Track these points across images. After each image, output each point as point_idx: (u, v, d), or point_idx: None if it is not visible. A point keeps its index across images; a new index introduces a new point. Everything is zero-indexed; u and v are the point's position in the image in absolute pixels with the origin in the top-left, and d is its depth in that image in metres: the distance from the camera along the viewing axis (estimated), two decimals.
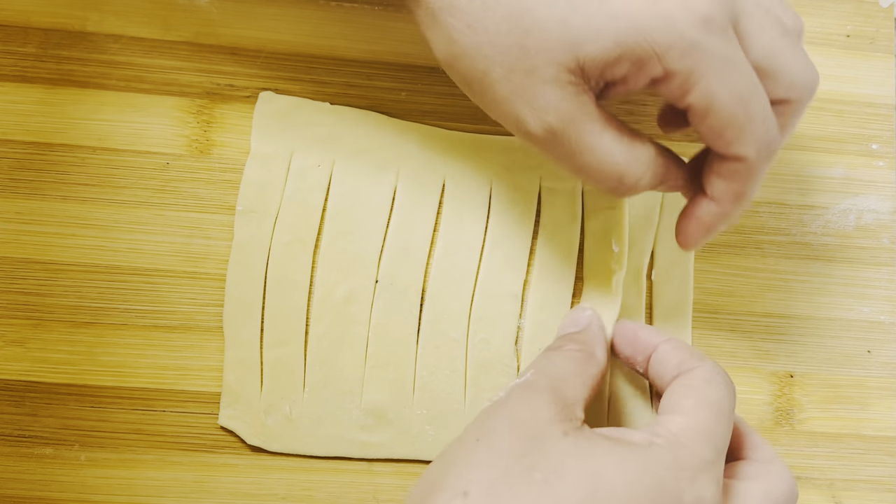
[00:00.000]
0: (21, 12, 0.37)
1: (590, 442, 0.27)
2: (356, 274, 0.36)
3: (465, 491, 0.25)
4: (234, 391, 0.35)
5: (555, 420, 0.27)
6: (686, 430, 0.27)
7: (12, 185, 0.36)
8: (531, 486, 0.25)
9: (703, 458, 0.27)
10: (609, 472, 0.25)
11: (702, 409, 0.28)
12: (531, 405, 0.28)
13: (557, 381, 0.29)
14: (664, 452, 0.27)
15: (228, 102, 0.37)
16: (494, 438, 0.27)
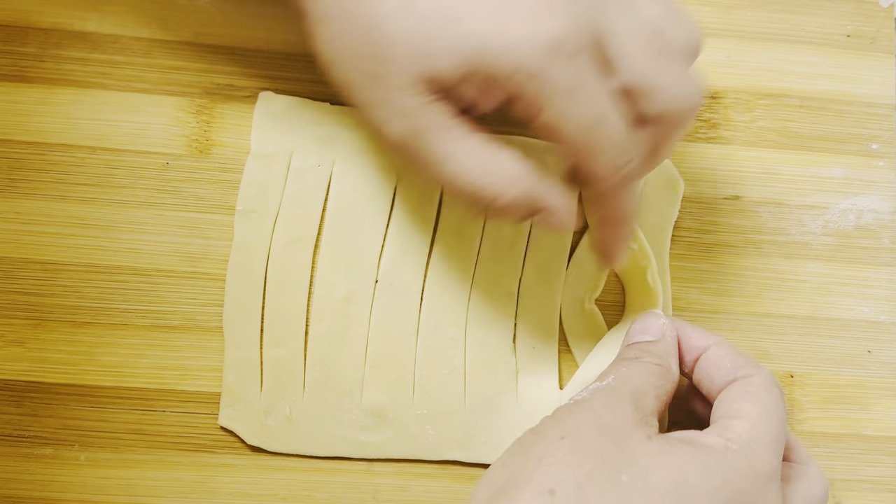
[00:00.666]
0: (21, 12, 0.37)
1: (671, 446, 0.27)
2: (356, 274, 0.36)
3: (552, 489, 0.25)
4: (234, 391, 0.35)
5: (639, 424, 0.28)
6: (756, 438, 0.28)
7: (12, 185, 0.36)
8: (618, 489, 0.25)
9: (772, 467, 0.28)
10: (692, 478, 0.26)
11: (765, 417, 0.29)
12: (615, 410, 0.28)
13: (637, 391, 0.29)
14: (741, 459, 0.27)
15: (228, 102, 0.37)
16: (580, 439, 0.27)
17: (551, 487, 0.25)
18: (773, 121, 0.40)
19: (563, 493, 0.25)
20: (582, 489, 0.25)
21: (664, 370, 0.31)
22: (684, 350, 0.33)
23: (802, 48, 0.40)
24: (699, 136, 0.39)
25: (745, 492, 0.26)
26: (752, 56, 0.40)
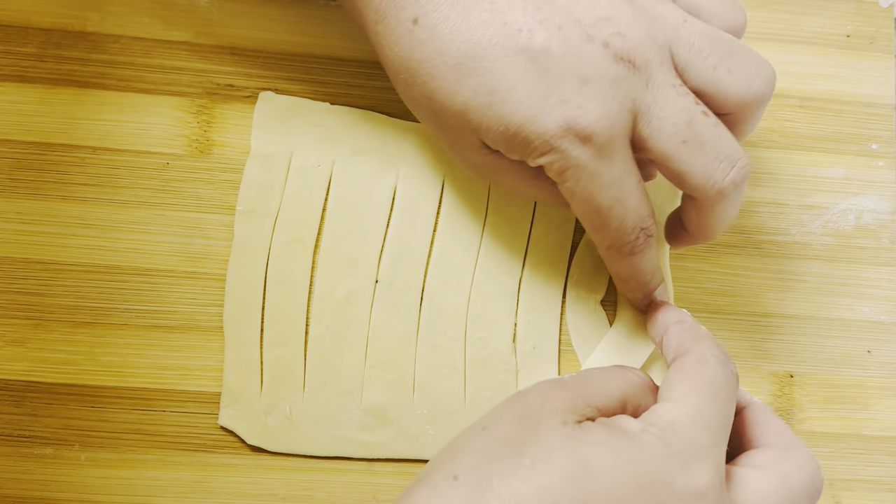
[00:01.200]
0: (21, 12, 0.37)
1: (583, 430, 0.27)
2: (356, 274, 0.36)
3: (456, 475, 0.26)
4: (234, 391, 0.35)
5: (561, 410, 0.27)
6: (679, 417, 0.27)
7: (12, 185, 0.36)
8: (518, 471, 0.25)
9: (697, 445, 0.26)
10: (596, 461, 0.25)
11: (694, 393, 0.28)
12: (545, 395, 0.28)
13: (585, 380, 0.29)
14: (656, 441, 0.26)
15: (228, 102, 0.37)
16: (497, 427, 0.27)
17: (455, 473, 0.26)
18: (773, 121, 0.40)
19: (464, 477, 0.25)
20: (482, 472, 0.25)
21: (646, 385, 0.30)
22: (654, 332, 0.33)
23: (802, 48, 0.40)
24: None
25: (657, 473, 0.25)
26: None
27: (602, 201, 0.31)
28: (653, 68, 0.30)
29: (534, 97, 0.29)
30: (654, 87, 0.30)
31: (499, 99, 0.30)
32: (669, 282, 0.38)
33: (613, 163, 0.30)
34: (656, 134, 0.30)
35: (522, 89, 0.29)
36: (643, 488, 0.25)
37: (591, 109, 0.29)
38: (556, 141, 0.30)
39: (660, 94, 0.30)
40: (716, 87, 0.31)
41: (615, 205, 0.31)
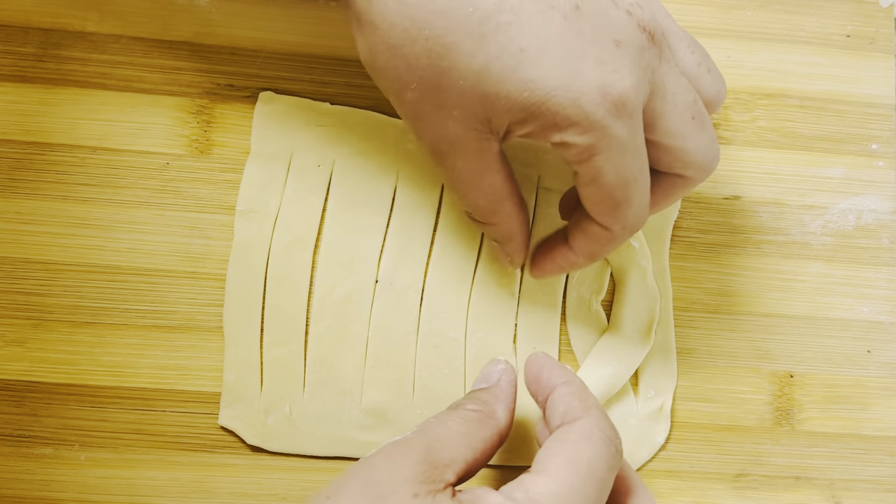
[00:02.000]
0: (21, 12, 0.37)
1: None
2: (356, 274, 0.36)
3: None
4: (234, 391, 0.35)
5: (411, 482, 0.25)
6: (545, 494, 0.25)
7: (12, 185, 0.36)
8: None
9: None
10: None
11: (568, 471, 0.26)
12: (392, 465, 0.26)
13: (435, 441, 0.27)
14: None
15: (228, 102, 0.37)
16: (341, 496, 0.25)
17: None
18: (773, 121, 0.40)
19: None
20: None
21: (483, 416, 0.29)
22: (538, 390, 0.31)
23: (802, 48, 0.40)
24: None
25: None
26: (752, 56, 0.40)
27: (629, 173, 0.29)
28: (664, 45, 0.29)
29: (568, 59, 0.27)
30: (665, 62, 0.29)
31: (529, 59, 0.27)
32: (668, 282, 0.38)
33: (637, 131, 0.29)
34: (670, 109, 0.29)
35: (556, 49, 0.27)
36: None
37: (626, 74, 0.27)
38: (592, 108, 0.27)
39: (671, 71, 0.29)
40: (696, 81, 0.31)
41: (640, 176, 0.29)
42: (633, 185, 0.29)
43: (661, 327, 0.37)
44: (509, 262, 0.34)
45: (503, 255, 0.34)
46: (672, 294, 0.38)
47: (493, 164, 0.30)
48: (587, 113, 0.27)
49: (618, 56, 0.27)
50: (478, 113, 0.28)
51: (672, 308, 0.38)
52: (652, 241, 0.38)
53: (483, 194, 0.31)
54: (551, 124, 0.28)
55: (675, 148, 0.30)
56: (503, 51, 0.27)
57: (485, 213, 0.32)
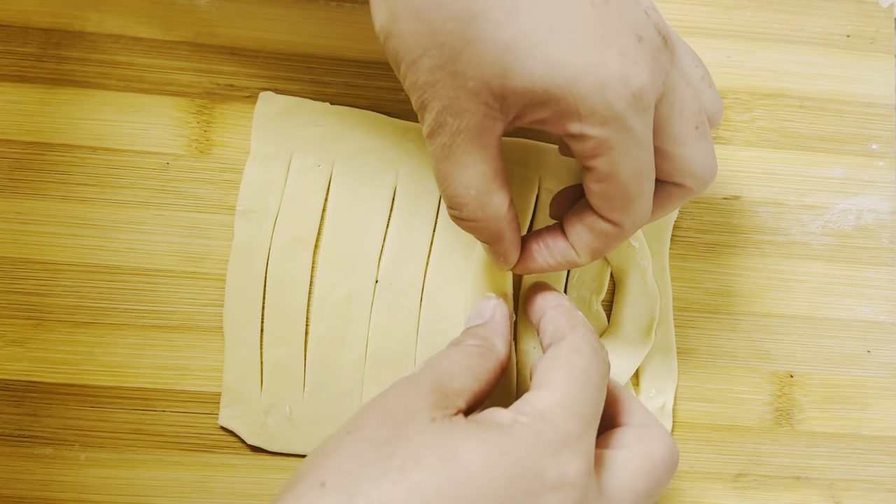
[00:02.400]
0: (21, 12, 0.37)
1: (453, 426, 0.26)
2: (356, 274, 0.36)
3: (323, 482, 0.25)
4: (234, 391, 0.35)
5: (426, 408, 0.27)
6: (550, 405, 0.27)
7: (12, 185, 0.36)
8: (388, 472, 0.25)
9: (567, 433, 0.26)
10: (466, 455, 0.25)
11: (567, 381, 0.28)
12: (406, 396, 0.27)
13: (442, 373, 0.29)
14: (526, 430, 0.26)
15: (228, 102, 0.37)
16: (362, 430, 0.27)
17: (323, 480, 0.25)
18: (773, 121, 0.40)
19: (332, 483, 0.25)
20: (351, 477, 0.25)
21: (483, 349, 0.30)
22: (532, 314, 0.33)
23: (802, 48, 0.40)
24: None
25: (528, 462, 0.25)
26: (752, 56, 0.40)
27: (644, 167, 0.29)
28: (676, 50, 0.30)
29: (596, 45, 0.27)
30: (676, 68, 0.30)
31: (559, 38, 0.27)
32: (668, 282, 0.38)
33: (649, 129, 0.29)
34: (677, 115, 0.30)
35: (584, 33, 0.27)
36: (514, 479, 0.25)
37: (645, 69, 0.28)
38: (614, 98, 0.27)
39: (681, 77, 0.30)
40: (699, 94, 0.31)
41: (650, 172, 0.29)
42: (645, 178, 0.29)
43: (661, 327, 0.37)
44: (502, 261, 0.33)
45: (495, 255, 0.33)
46: (672, 294, 0.38)
47: (491, 148, 0.29)
48: (609, 102, 0.27)
49: (639, 50, 0.28)
50: (494, 87, 0.28)
51: (672, 308, 0.38)
52: (652, 241, 0.38)
53: (473, 183, 0.30)
54: (572, 111, 0.27)
55: (677, 155, 0.30)
56: (534, 25, 0.27)
57: (471, 208, 0.30)
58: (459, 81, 0.28)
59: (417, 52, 0.28)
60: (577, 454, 0.26)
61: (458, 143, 0.29)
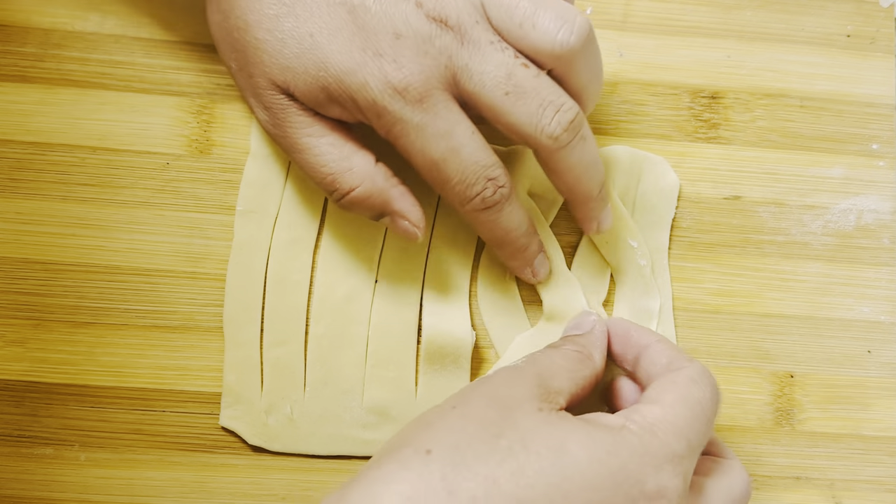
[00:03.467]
0: (21, 12, 0.37)
1: (562, 419, 0.27)
2: (356, 273, 0.36)
3: (429, 449, 0.25)
4: (235, 391, 0.35)
5: (532, 398, 0.27)
6: (661, 421, 0.27)
7: (12, 185, 0.36)
8: (495, 452, 0.25)
9: (672, 450, 0.27)
10: (574, 448, 0.26)
11: (681, 404, 0.28)
12: (513, 384, 0.28)
13: (545, 370, 0.29)
14: (634, 438, 0.27)
15: (228, 102, 0.37)
16: (469, 407, 0.27)
17: (428, 448, 0.25)
18: (773, 121, 0.40)
19: (438, 452, 0.25)
20: (458, 449, 0.25)
21: (583, 356, 0.31)
22: (626, 347, 0.33)
23: (802, 48, 0.40)
24: (699, 136, 0.39)
25: (632, 469, 0.26)
26: (752, 56, 0.40)
27: (435, 154, 0.31)
28: (467, 27, 0.31)
29: (353, 48, 0.30)
30: (469, 44, 0.31)
31: (319, 44, 0.30)
32: (668, 282, 0.38)
33: (437, 115, 0.31)
34: (479, 89, 0.31)
35: (342, 39, 0.30)
36: (617, 481, 0.25)
37: (404, 64, 0.30)
38: (377, 95, 0.30)
39: (475, 51, 0.31)
40: (525, 42, 0.31)
41: (449, 156, 0.31)
42: (442, 164, 0.31)
43: (661, 327, 0.37)
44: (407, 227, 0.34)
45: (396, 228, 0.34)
46: (672, 294, 0.38)
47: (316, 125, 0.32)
48: (374, 99, 0.30)
49: (396, 47, 0.30)
50: (280, 83, 0.31)
51: (672, 308, 0.38)
52: (650, 240, 0.38)
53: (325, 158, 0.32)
54: (352, 108, 0.31)
55: (501, 123, 0.32)
56: (295, 32, 0.31)
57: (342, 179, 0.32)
58: (254, 81, 0.32)
59: (226, 56, 0.33)
60: (678, 473, 0.27)
61: (288, 134, 0.33)
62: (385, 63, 0.30)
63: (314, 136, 0.32)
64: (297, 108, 0.32)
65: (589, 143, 0.33)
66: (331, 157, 0.32)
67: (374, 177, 0.33)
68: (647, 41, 0.40)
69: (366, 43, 0.30)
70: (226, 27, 0.32)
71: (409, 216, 0.33)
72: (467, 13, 0.31)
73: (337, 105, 0.31)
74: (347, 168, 0.32)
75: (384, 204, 0.33)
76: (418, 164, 0.32)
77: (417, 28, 0.30)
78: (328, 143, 0.32)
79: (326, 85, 0.31)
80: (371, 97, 0.30)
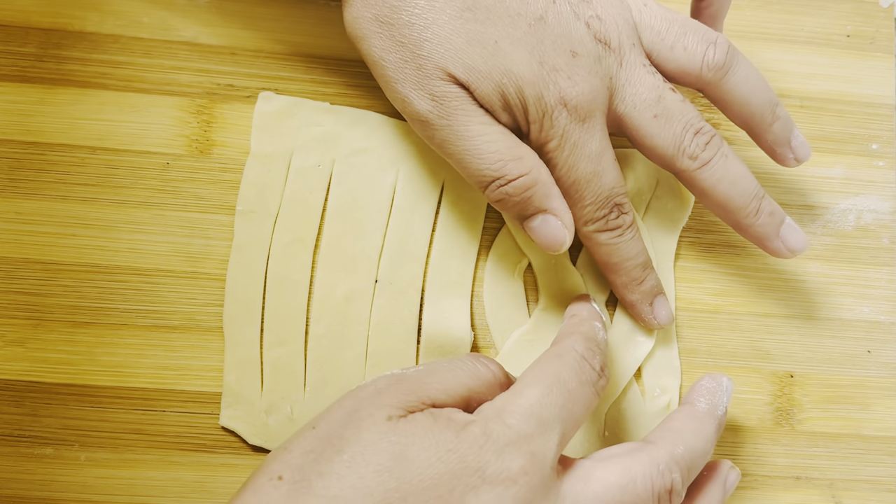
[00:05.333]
0: (21, 12, 0.37)
1: (407, 422, 0.27)
2: (356, 273, 0.36)
3: (280, 475, 0.26)
4: (235, 391, 0.35)
5: (391, 405, 0.27)
6: (508, 405, 0.28)
7: (12, 185, 0.36)
8: (336, 468, 0.25)
9: (517, 432, 0.27)
10: (413, 453, 0.26)
11: (534, 384, 0.28)
12: (379, 391, 0.28)
13: (427, 374, 0.29)
14: (477, 429, 0.27)
15: (228, 102, 0.37)
16: (324, 424, 0.27)
17: (280, 473, 0.26)
18: None
19: (286, 476, 0.26)
20: (303, 471, 0.26)
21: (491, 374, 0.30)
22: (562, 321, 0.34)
23: (802, 48, 0.40)
24: None
25: (471, 460, 0.26)
26: (752, 56, 0.40)
27: (580, 173, 0.33)
28: (625, 49, 0.33)
29: (532, 60, 0.31)
30: (626, 66, 0.33)
31: (504, 52, 0.31)
32: (672, 286, 0.38)
33: (594, 136, 0.33)
34: (630, 110, 0.33)
35: (524, 49, 0.31)
36: (456, 474, 0.26)
37: (578, 81, 0.32)
38: (549, 107, 0.32)
39: (632, 73, 0.33)
40: (675, 65, 0.34)
41: (593, 178, 0.33)
42: (585, 184, 0.33)
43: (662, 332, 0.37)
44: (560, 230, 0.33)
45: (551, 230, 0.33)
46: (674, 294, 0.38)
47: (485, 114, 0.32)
48: (545, 111, 0.32)
49: (573, 65, 0.32)
50: (460, 79, 0.32)
51: (673, 308, 0.38)
52: (658, 244, 0.38)
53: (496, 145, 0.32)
54: (522, 116, 0.32)
55: (645, 147, 0.34)
56: (481, 37, 0.31)
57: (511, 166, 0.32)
58: (425, 71, 0.32)
59: (381, 51, 0.33)
60: (523, 453, 0.27)
61: (460, 121, 0.32)
62: (561, 78, 0.32)
63: (486, 123, 0.32)
64: (472, 98, 0.32)
65: (731, 161, 0.34)
66: (504, 144, 0.32)
67: (541, 169, 0.33)
68: None
69: (544, 56, 0.32)
70: (387, 22, 0.32)
71: (563, 216, 0.33)
72: (626, 36, 0.33)
73: (506, 112, 0.32)
74: (519, 156, 0.32)
75: (544, 198, 0.33)
76: (560, 177, 0.33)
77: (590, 49, 0.32)
78: (499, 132, 0.32)
79: (506, 91, 0.32)
80: (543, 109, 0.32)
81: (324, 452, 0.26)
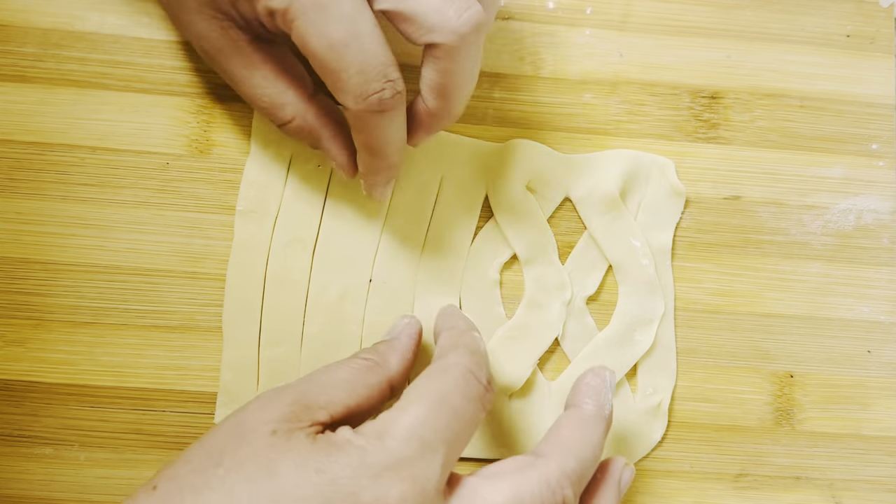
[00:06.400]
0: (21, 12, 0.37)
1: (287, 440, 0.26)
2: (350, 273, 0.36)
3: (155, 485, 0.26)
4: (231, 391, 0.35)
5: (276, 420, 0.27)
6: (391, 426, 0.26)
7: (12, 185, 0.36)
8: (209, 481, 0.25)
9: (397, 456, 0.25)
10: (284, 469, 0.25)
11: (417, 403, 0.27)
12: (264, 405, 0.27)
13: (314, 386, 0.28)
14: (354, 450, 0.26)
15: (228, 102, 0.37)
16: (210, 437, 0.27)
17: (156, 483, 0.26)
18: (773, 121, 0.40)
19: (161, 486, 0.26)
20: (179, 483, 0.26)
21: (372, 364, 0.30)
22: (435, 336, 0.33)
23: (802, 48, 0.40)
24: (699, 136, 0.39)
25: (344, 483, 0.25)
26: (752, 56, 0.40)
27: (335, 36, 0.29)
28: None
29: None
30: None
31: None
32: (671, 283, 0.38)
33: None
34: None
35: None
36: (327, 498, 0.25)
37: None
38: None
39: None
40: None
41: (351, 41, 0.29)
42: (343, 49, 0.29)
43: (661, 326, 0.37)
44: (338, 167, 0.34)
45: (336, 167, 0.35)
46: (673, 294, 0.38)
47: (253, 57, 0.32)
48: None
49: None
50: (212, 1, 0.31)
51: (673, 308, 0.38)
52: (653, 241, 0.38)
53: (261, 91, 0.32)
54: None
55: (406, 14, 0.29)
56: None
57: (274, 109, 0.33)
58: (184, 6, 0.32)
59: None
60: (402, 478, 0.25)
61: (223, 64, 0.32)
62: None
63: (250, 66, 0.32)
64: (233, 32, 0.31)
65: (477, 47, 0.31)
66: (267, 91, 0.32)
67: (306, 113, 0.33)
68: (646, 41, 0.40)
69: None
70: None
71: (335, 158, 0.34)
72: None
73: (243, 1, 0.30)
74: (281, 104, 0.33)
75: (315, 141, 0.34)
76: (314, 49, 0.29)
77: None
78: (263, 77, 0.32)
79: None
80: None
81: (201, 465, 0.26)
